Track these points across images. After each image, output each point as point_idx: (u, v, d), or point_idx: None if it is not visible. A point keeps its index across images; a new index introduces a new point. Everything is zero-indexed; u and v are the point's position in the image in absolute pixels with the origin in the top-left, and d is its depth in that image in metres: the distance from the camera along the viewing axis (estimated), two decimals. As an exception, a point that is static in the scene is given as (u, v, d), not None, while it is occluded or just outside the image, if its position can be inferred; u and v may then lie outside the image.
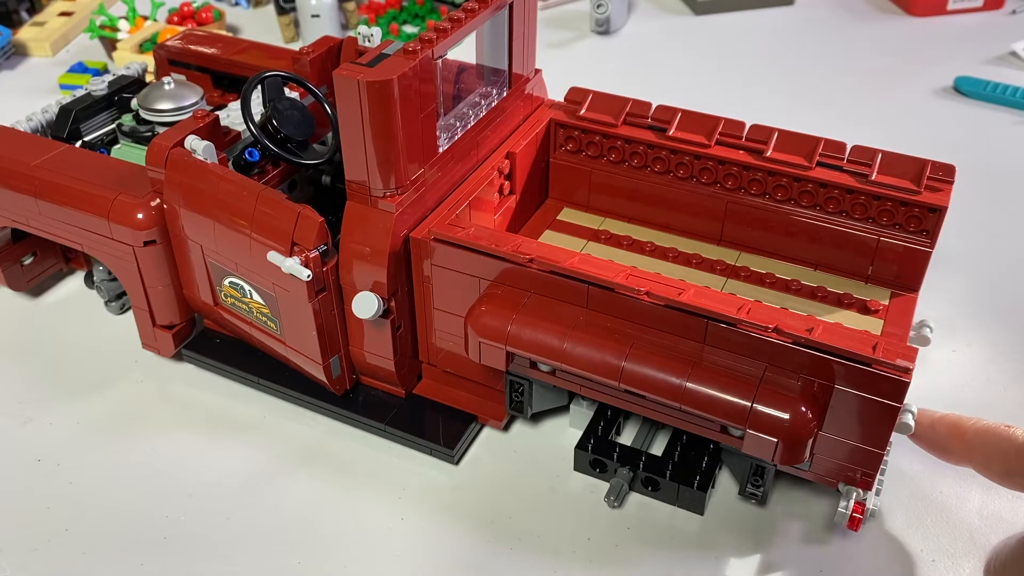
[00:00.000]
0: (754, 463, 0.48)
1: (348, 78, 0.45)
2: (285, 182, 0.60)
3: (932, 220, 0.53)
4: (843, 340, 0.42)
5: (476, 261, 0.49)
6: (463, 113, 0.54)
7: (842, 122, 0.56)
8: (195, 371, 0.60)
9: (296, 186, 0.61)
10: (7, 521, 0.51)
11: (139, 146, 0.63)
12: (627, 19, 1.08)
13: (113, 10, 1.07)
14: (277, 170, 0.59)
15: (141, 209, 0.55)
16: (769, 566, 0.48)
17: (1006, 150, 0.81)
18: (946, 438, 0.47)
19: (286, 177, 0.60)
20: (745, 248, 0.59)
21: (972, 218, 0.71)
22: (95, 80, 0.67)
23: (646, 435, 0.53)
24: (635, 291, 0.45)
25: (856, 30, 1.05)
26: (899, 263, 0.55)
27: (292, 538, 0.50)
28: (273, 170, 0.59)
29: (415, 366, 0.56)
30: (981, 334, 0.61)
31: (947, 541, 0.49)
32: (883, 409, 0.43)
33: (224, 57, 0.70)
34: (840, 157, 0.55)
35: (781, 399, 0.43)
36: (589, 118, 0.60)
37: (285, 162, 0.58)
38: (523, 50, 0.58)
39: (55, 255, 0.66)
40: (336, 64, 0.66)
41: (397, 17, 1.05)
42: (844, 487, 0.47)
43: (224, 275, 0.55)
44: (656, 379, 0.45)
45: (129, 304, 0.64)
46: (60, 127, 0.65)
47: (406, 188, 0.49)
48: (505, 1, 0.54)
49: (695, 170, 0.58)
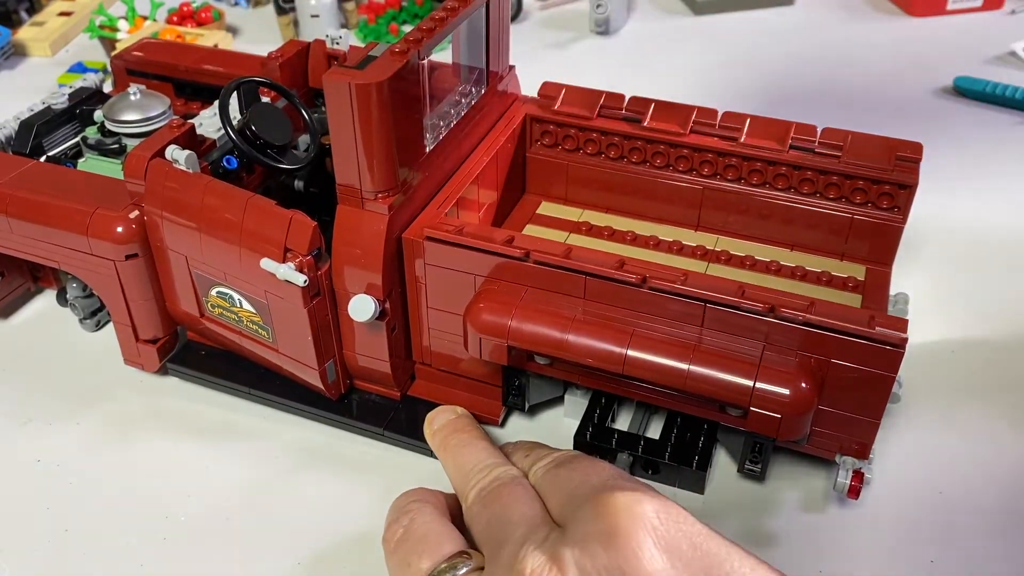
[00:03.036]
0: (752, 440, 0.49)
1: (338, 81, 0.45)
2: (259, 188, 0.59)
3: (903, 197, 0.55)
4: (840, 316, 0.44)
5: (471, 258, 0.49)
6: (446, 112, 0.55)
7: (842, 122, 0.58)
8: (181, 384, 0.59)
9: (270, 192, 0.60)
10: (7, 521, 0.51)
11: (106, 159, 0.62)
12: (627, 19, 1.09)
13: (113, 10, 1.05)
14: (251, 176, 0.58)
15: (121, 223, 0.54)
16: (772, 539, 0.49)
17: (1006, 150, 0.82)
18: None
19: (260, 183, 0.59)
20: (723, 233, 0.60)
21: (972, 217, 0.73)
22: (54, 93, 0.65)
23: (642, 419, 0.54)
24: (638, 280, 0.46)
25: (856, 30, 1.05)
26: (872, 239, 0.57)
27: (292, 539, 0.50)
28: (247, 176, 0.58)
29: (409, 367, 0.56)
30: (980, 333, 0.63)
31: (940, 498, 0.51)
32: (879, 380, 0.44)
33: (186, 65, 0.69)
34: (812, 140, 0.57)
35: (781, 376, 0.45)
36: (564, 112, 0.60)
37: (265, 168, 0.57)
38: (499, 47, 0.58)
39: (23, 274, 0.65)
40: (305, 68, 0.65)
41: (396, 17, 1.05)
42: (841, 458, 0.48)
43: (211, 285, 0.54)
44: (660, 365, 0.46)
45: (105, 321, 0.63)
46: (22, 143, 0.63)
47: (396, 189, 0.49)
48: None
49: (671, 158, 0.59)
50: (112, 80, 0.74)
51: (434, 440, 0.51)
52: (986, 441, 0.54)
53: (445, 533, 0.43)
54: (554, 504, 0.42)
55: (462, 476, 0.47)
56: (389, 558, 0.44)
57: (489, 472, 0.45)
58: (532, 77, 0.65)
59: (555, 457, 0.45)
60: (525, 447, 0.48)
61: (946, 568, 0.48)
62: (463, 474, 0.47)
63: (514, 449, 0.49)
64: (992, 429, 0.55)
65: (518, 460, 0.47)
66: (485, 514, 0.43)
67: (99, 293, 0.57)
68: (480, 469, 0.46)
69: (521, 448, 0.48)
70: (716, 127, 0.58)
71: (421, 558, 0.42)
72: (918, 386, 0.57)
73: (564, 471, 0.43)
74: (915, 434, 0.55)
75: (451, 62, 0.58)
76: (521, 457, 0.47)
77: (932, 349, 0.60)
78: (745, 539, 0.49)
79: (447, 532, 0.43)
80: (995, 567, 0.48)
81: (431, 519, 0.44)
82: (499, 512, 0.42)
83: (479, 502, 0.44)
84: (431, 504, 0.45)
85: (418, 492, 0.46)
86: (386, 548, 0.44)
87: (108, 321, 0.63)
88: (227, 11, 1.10)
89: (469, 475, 0.46)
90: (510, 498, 0.43)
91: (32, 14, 1.08)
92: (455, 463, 0.48)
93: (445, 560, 0.41)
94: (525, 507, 0.42)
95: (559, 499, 0.42)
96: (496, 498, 0.43)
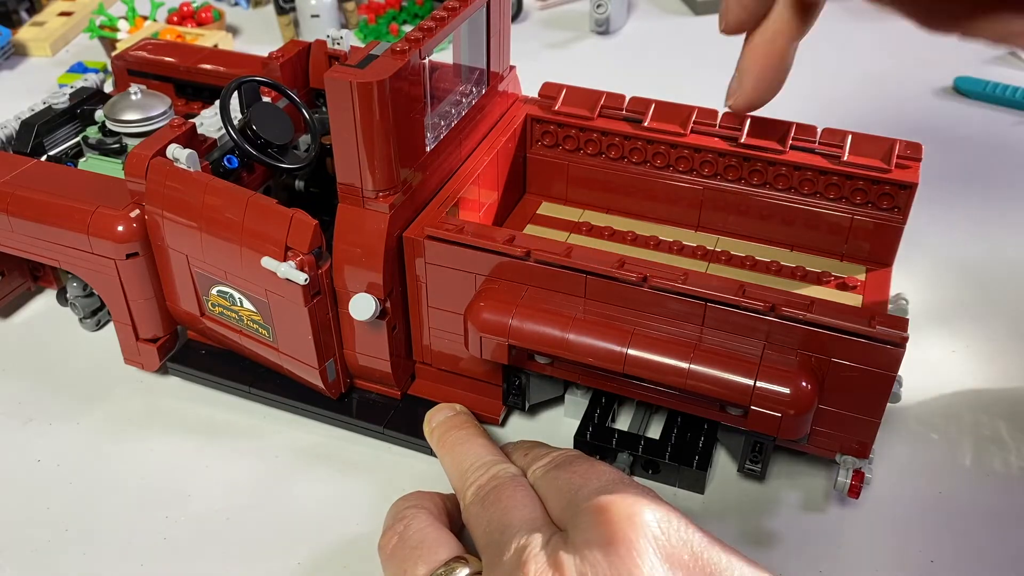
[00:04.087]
0: (752, 440, 0.49)
1: (340, 80, 0.45)
2: (260, 188, 0.59)
3: (903, 197, 0.55)
4: (840, 315, 0.44)
5: (472, 257, 0.49)
6: (446, 112, 0.55)
7: (842, 122, 0.58)
8: (182, 384, 0.59)
9: (270, 192, 0.60)
10: (7, 521, 0.51)
11: (107, 158, 0.62)
12: (627, 19, 1.09)
13: (113, 10, 1.06)
14: (252, 176, 0.58)
15: (121, 221, 0.54)
16: (772, 539, 0.49)
17: (1006, 150, 0.82)
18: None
19: (261, 183, 0.59)
20: (724, 233, 0.60)
21: (972, 217, 0.73)
22: (55, 93, 0.65)
23: (642, 419, 0.54)
24: (638, 279, 0.46)
25: (856, 30, 1.05)
26: (873, 240, 0.57)
27: (292, 538, 0.50)
28: (248, 176, 0.58)
29: (409, 366, 0.56)
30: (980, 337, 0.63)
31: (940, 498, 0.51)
32: (879, 379, 0.44)
33: (186, 65, 0.69)
34: (812, 140, 0.57)
35: (782, 375, 0.45)
36: (565, 112, 0.60)
37: (266, 167, 0.57)
38: (499, 47, 0.58)
39: (22, 274, 0.65)
40: (306, 68, 0.65)
41: (397, 17, 1.05)
42: (841, 457, 0.48)
43: (212, 284, 0.54)
44: (661, 364, 0.46)
45: (105, 320, 0.63)
46: (23, 142, 0.63)
47: (397, 188, 0.49)
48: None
49: (672, 159, 0.59)
50: (113, 80, 0.74)
51: (432, 437, 0.51)
52: (986, 441, 0.54)
53: (440, 539, 0.43)
54: (554, 506, 0.42)
55: (459, 473, 0.47)
56: (385, 565, 0.43)
57: (487, 470, 0.45)
58: (532, 77, 0.65)
59: (554, 457, 0.45)
60: (525, 446, 0.48)
61: (946, 568, 0.48)
62: (460, 471, 0.47)
63: (514, 449, 0.49)
64: (992, 429, 0.55)
65: (517, 459, 0.47)
66: (484, 516, 0.43)
67: (99, 292, 0.57)
68: (478, 467, 0.46)
69: (521, 447, 0.48)
70: (716, 127, 0.58)
71: (417, 565, 0.42)
72: (918, 386, 0.57)
73: (564, 473, 0.43)
74: (915, 434, 0.55)
75: (452, 62, 0.58)
76: (520, 456, 0.47)
77: (932, 349, 0.60)
78: (745, 539, 0.49)
79: (442, 538, 0.43)
80: (995, 567, 0.48)
81: (426, 525, 0.44)
82: (498, 515, 0.42)
83: (478, 503, 0.44)
84: (426, 510, 0.45)
85: (414, 497, 0.46)
86: (382, 555, 0.44)
87: (108, 320, 0.63)
88: (227, 11, 1.10)
89: (467, 473, 0.46)
90: (510, 500, 0.42)
91: (32, 14, 1.09)
92: (453, 460, 0.48)
93: (441, 565, 0.41)
94: (525, 510, 0.42)
95: (559, 502, 0.42)
96: (495, 500, 0.43)
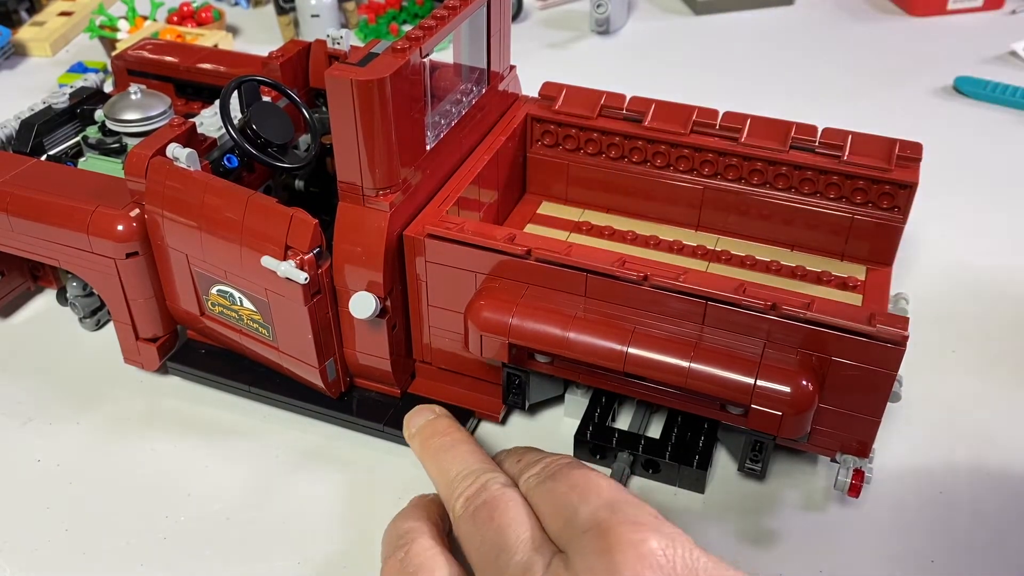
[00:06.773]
0: (752, 439, 0.49)
1: (340, 78, 0.45)
2: (260, 188, 0.59)
3: (903, 196, 0.55)
4: (841, 313, 0.44)
5: (472, 256, 0.49)
6: (447, 111, 0.55)
7: (842, 122, 0.58)
8: (181, 383, 0.59)
9: (271, 192, 0.60)
10: (7, 521, 0.51)
11: (107, 158, 0.62)
12: (627, 19, 1.09)
13: (113, 10, 1.06)
14: (252, 176, 0.58)
15: (121, 221, 0.54)
16: (772, 538, 0.49)
17: (1006, 150, 0.82)
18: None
19: (261, 183, 0.59)
20: (724, 233, 0.60)
21: (972, 217, 0.73)
22: (55, 93, 0.65)
23: (642, 418, 0.54)
24: (639, 278, 0.46)
25: (856, 30, 1.06)
26: (873, 239, 0.57)
27: (292, 538, 0.50)
28: (248, 176, 0.58)
29: (409, 365, 0.56)
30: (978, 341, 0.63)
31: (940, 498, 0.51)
32: (879, 378, 0.44)
33: (186, 65, 0.69)
34: (812, 140, 0.57)
35: (782, 374, 0.45)
36: (565, 112, 0.60)
37: (266, 167, 0.57)
38: (500, 47, 0.58)
39: (22, 274, 0.65)
40: (306, 67, 0.65)
41: (397, 17, 1.05)
42: (842, 456, 0.48)
43: (211, 284, 0.54)
44: (661, 363, 0.46)
45: (105, 320, 0.63)
46: (23, 142, 0.63)
47: (397, 187, 0.49)
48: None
49: (672, 158, 0.59)
50: (113, 80, 0.74)
51: (413, 444, 0.49)
52: (986, 441, 0.54)
53: (442, 563, 0.42)
54: (550, 523, 0.41)
55: (446, 483, 0.45)
56: None
57: (475, 479, 0.44)
58: (532, 77, 0.65)
59: (547, 464, 0.44)
60: (517, 453, 0.47)
61: (946, 568, 0.48)
62: (447, 481, 0.45)
63: (506, 456, 0.47)
64: (992, 429, 0.55)
65: (509, 467, 0.46)
66: (477, 535, 0.41)
67: (99, 292, 0.57)
68: (465, 476, 0.44)
69: (514, 454, 0.47)
70: (717, 127, 0.58)
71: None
72: (918, 385, 0.57)
73: (560, 486, 0.42)
74: (915, 433, 0.55)
75: (452, 61, 0.58)
76: (513, 463, 0.46)
77: (932, 349, 0.60)
78: (745, 538, 0.49)
79: (443, 561, 0.42)
80: (995, 567, 0.48)
81: (427, 547, 0.43)
82: (492, 535, 0.41)
83: (468, 518, 0.42)
84: (426, 532, 0.44)
85: (412, 514, 0.45)
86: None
87: (108, 320, 0.63)
88: (227, 11, 1.10)
89: (454, 483, 0.44)
90: (502, 518, 0.41)
91: (32, 14, 1.09)
92: (438, 469, 0.46)
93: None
94: (520, 528, 0.41)
95: (556, 520, 0.41)
96: (488, 517, 0.42)
